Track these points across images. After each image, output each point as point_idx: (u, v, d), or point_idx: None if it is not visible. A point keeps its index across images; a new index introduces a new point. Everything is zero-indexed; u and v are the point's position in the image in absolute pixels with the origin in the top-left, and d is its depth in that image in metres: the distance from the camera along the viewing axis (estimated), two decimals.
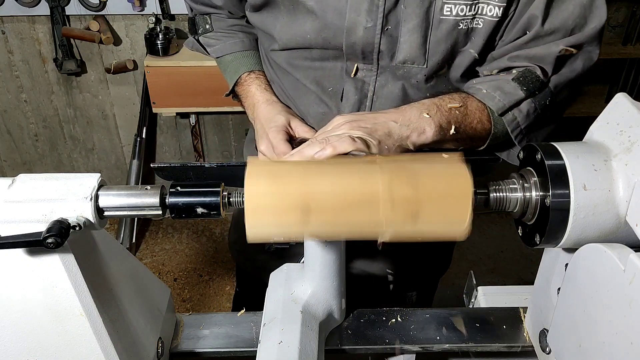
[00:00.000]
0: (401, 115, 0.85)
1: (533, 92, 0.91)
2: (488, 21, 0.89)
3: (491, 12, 0.88)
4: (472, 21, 0.89)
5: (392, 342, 0.85)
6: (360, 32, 0.91)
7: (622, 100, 0.64)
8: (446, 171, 0.65)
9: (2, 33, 2.52)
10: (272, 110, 1.01)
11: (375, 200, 0.63)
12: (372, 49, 0.93)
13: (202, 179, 0.74)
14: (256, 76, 1.10)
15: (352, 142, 0.76)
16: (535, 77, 0.90)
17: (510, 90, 0.91)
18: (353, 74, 0.97)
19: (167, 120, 2.82)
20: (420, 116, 0.85)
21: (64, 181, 0.64)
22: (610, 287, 0.56)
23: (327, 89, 1.01)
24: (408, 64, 0.94)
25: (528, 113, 0.92)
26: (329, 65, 0.99)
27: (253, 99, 1.07)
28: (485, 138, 0.94)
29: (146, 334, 0.77)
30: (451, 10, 0.88)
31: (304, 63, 1.01)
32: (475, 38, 0.91)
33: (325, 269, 0.80)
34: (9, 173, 2.94)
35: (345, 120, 0.82)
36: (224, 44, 1.13)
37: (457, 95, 0.92)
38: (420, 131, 0.84)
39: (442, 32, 0.90)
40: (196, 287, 2.59)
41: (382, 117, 0.84)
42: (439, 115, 0.87)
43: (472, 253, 2.72)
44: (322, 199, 0.62)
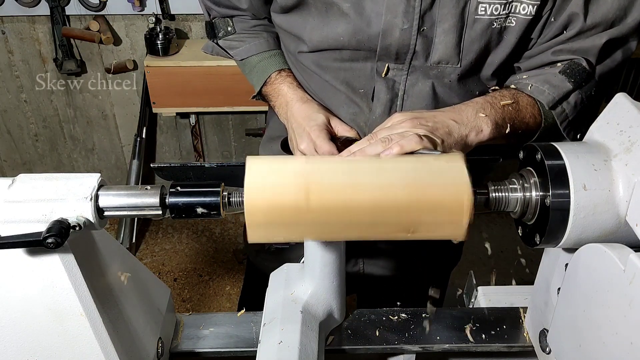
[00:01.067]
0: (458, 114, 0.86)
1: (580, 83, 0.93)
2: (521, 20, 0.90)
3: (525, 10, 0.89)
4: (505, 20, 0.90)
5: (392, 342, 0.85)
6: (396, 34, 0.91)
7: (622, 100, 0.64)
8: (446, 172, 0.65)
9: (2, 33, 2.52)
10: (309, 109, 1.00)
11: (375, 204, 0.63)
12: (407, 50, 0.93)
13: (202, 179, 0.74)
14: (287, 74, 1.08)
15: (419, 140, 0.75)
16: (581, 68, 0.92)
17: (559, 83, 0.92)
18: (384, 73, 0.97)
19: (167, 120, 2.81)
20: (476, 115, 0.86)
21: (64, 181, 0.64)
22: (610, 287, 0.56)
23: (357, 90, 1.01)
24: (442, 64, 0.95)
25: (576, 104, 0.94)
26: (358, 65, 0.99)
27: (285, 98, 1.05)
28: (535, 131, 0.95)
29: (146, 334, 0.77)
30: (486, 10, 0.89)
31: (333, 64, 1.00)
32: (508, 37, 0.92)
33: (325, 269, 0.80)
34: (9, 173, 2.94)
35: (405, 117, 0.82)
36: (249, 45, 1.10)
37: (507, 92, 0.93)
38: (478, 130, 0.85)
39: (476, 32, 0.91)
40: (196, 287, 2.59)
41: (441, 115, 0.84)
42: (494, 113, 0.88)
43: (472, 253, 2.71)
44: (322, 201, 0.62)
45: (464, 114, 0.86)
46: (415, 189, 0.63)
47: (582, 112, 0.97)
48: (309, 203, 0.62)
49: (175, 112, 2.59)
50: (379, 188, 0.63)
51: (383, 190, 0.63)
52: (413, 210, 0.63)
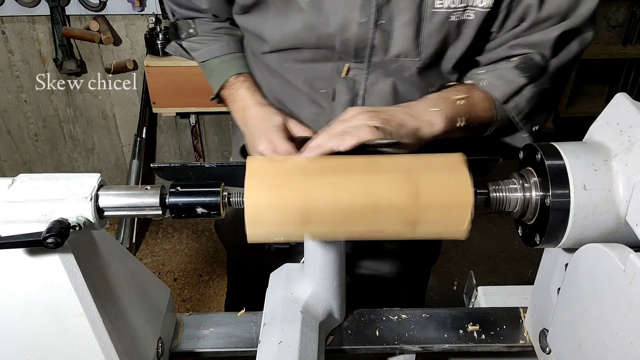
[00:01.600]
0: (411, 109, 0.87)
1: (534, 77, 0.94)
2: (480, 13, 0.91)
3: (482, 3, 0.90)
4: (463, 13, 0.91)
5: (392, 342, 0.85)
6: (354, 28, 0.92)
7: (622, 100, 0.64)
8: (446, 172, 0.65)
9: (2, 33, 2.52)
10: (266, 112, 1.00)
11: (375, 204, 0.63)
12: (365, 45, 0.93)
13: (202, 179, 0.74)
14: (244, 79, 1.09)
15: (374, 131, 0.77)
16: (535, 63, 0.93)
17: (512, 78, 0.94)
18: (344, 73, 0.98)
19: (167, 120, 2.81)
20: (427, 109, 0.87)
21: (64, 181, 0.64)
22: (610, 287, 0.56)
23: (318, 90, 1.02)
24: (402, 58, 0.95)
25: (530, 97, 0.95)
26: (320, 66, 0.99)
27: (243, 102, 1.06)
28: (490, 124, 0.96)
29: (146, 334, 0.77)
30: (443, 3, 0.89)
31: (294, 65, 1.01)
32: (467, 30, 0.93)
33: (325, 269, 0.80)
34: (9, 173, 2.94)
35: (361, 110, 0.83)
36: (210, 48, 1.11)
37: (461, 87, 0.95)
38: (430, 123, 0.86)
39: (434, 25, 0.91)
40: (196, 287, 2.59)
41: (394, 110, 0.86)
42: (447, 107, 0.89)
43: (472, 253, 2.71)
44: (322, 202, 0.62)
45: (416, 108, 0.87)
46: (415, 189, 0.63)
47: (538, 105, 0.98)
48: (309, 203, 0.62)
49: (175, 112, 2.59)
50: (379, 188, 0.64)
51: (383, 189, 0.63)
52: (413, 210, 0.63)
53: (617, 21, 2.65)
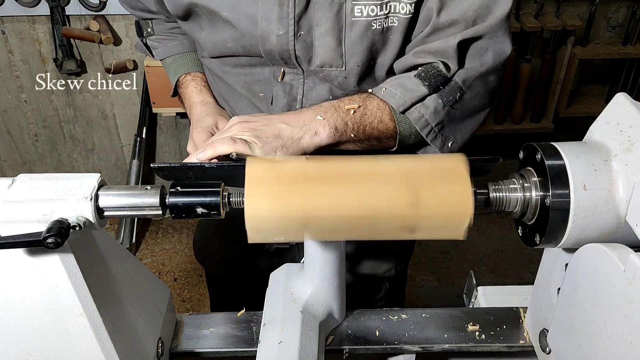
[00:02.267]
0: (294, 118, 0.86)
1: (437, 87, 0.89)
2: (403, 19, 0.89)
3: (403, 9, 0.88)
4: (385, 20, 0.89)
5: (392, 342, 0.85)
6: (273, 39, 0.92)
7: (622, 100, 0.64)
8: (446, 173, 0.65)
9: (2, 33, 2.52)
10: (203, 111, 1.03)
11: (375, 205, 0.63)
12: (288, 55, 0.93)
13: (202, 179, 0.74)
14: (192, 77, 1.12)
15: (232, 143, 0.78)
16: (437, 72, 0.89)
17: (412, 87, 0.89)
18: (280, 78, 0.98)
19: (167, 120, 2.81)
20: (314, 118, 0.85)
21: (64, 181, 0.64)
22: (610, 287, 0.56)
23: (257, 94, 1.03)
24: (327, 68, 0.94)
25: (436, 109, 0.90)
26: (257, 71, 1.00)
27: (190, 100, 1.09)
28: (392, 137, 0.93)
29: (146, 334, 0.77)
30: (362, 11, 0.88)
31: (233, 70, 1.02)
32: (393, 36, 0.91)
33: (325, 269, 0.80)
34: (9, 173, 2.94)
35: (238, 121, 0.84)
36: (165, 47, 1.16)
37: (357, 96, 0.92)
38: (312, 133, 0.84)
39: (356, 34, 0.90)
40: (196, 287, 2.59)
41: (275, 118, 0.85)
42: (335, 116, 0.87)
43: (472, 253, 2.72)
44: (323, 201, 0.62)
45: (301, 117, 0.86)
46: (415, 189, 0.63)
47: (451, 119, 0.93)
48: (309, 203, 0.62)
49: (175, 112, 2.59)
50: (379, 188, 0.64)
51: (383, 190, 0.63)
52: (413, 211, 0.63)
53: (617, 21, 2.65)
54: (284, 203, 0.62)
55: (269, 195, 0.62)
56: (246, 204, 0.62)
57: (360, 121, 0.89)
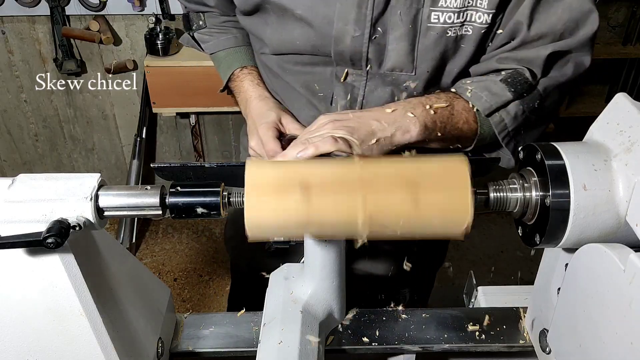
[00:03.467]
0: (385, 115, 0.85)
1: (521, 94, 0.90)
2: (477, 28, 0.89)
3: (480, 19, 0.88)
4: (460, 28, 0.89)
5: (392, 342, 0.85)
6: (347, 41, 0.91)
7: (622, 100, 0.64)
8: (446, 172, 0.65)
9: (2, 33, 2.52)
10: (264, 106, 1.02)
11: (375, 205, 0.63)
12: (360, 57, 0.93)
13: (202, 179, 0.74)
14: (249, 71, 1.11)
15: (334, 142, 0.77)
16: (523, 79, 0.90)
17: (498, 91, 0.90)
18: (343, 78, 0.97)
19: (167, 120, 2.81)
20: (405, 115, 0.85)
21: (64, 181, 0.64)
22: (610, 287, 0.56)
23: (317, 93, 1.02)
24: (396, 72, 0.94)
25: (516, 115, 0.91)
26: (318, 70, 0.99)
27: (246, 94, 1.08)
28: (471, 138, 0.93)
29: (146, 334, 0.77)
30: (439, 18, 0.88)
31: (294, 68, 1.01)
32: (465, 45, 0.91)
33: (325, 269, 0.80)
34: (9, 173, 2.94)
35: (328, 119, 0.83)
36: (217, 40, 1.13)
37: (444, 94, 0.92)
38: (404, 130, 0.84)
39: (430, 40, 0.90)
40: (196, 287, 2.59)
41: (366, 116, 0.84)
42: (425, 114, 0.86)
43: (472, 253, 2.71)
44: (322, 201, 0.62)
45: (391, 113, 0.85)
46: (415, 190, 0.63)
47: (525, 125, 0.94)
48: (309, 204, 0.62)
49: (175, 112, 2.59)
50: (379, 189, 0.63)
51: (383, 190, 0.63)
52: (413, 211, 0.63)
53: (617, 21, 2.65)
54: (284, 203, 0.62)
55: (269, 195, 0.62)
56: (246, 204, 0.62)
57: (448, 121, 0.89)
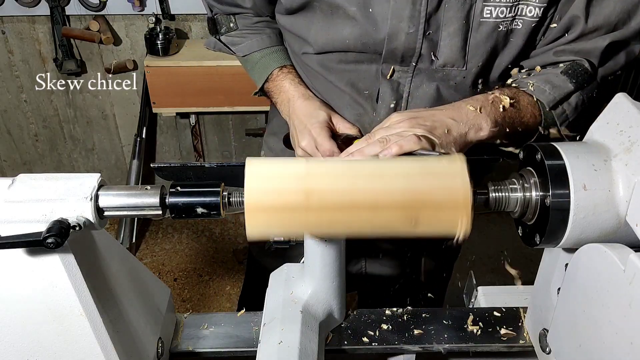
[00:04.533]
0: (457, 112, 0.85)
1: (582, 84, 0.92)
2: (528, 22, 0.89)
3: (531, 12, 0.88)
4: (511, 22, 0.90)
5: (392, 342, 0.85)
6: (402, 38, 0.91)
7: (622, 100, 0.64)
8: (446, 172, 0.65)
9: (2, 33, 2.52)
10: (310, 106, 1.00)
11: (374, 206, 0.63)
12: (412, 54, 0.93)
13: (202, 179, 0.74)
14: (288, 71, 1.08)
15: (417, 140, 0.76)
16: (584, 69, 0.91)
17: (560, 84, 0.92)
18: (389, 75, 0.97)
19: (167, 120, 2.81)
20: (476, 113, 0.85)
21: (64, 181, 0.64)
22: (610, 287, 0.56)
23: (362, 91, 1.01)
24: (448, 67, 0.94)
25: (577, 106, 0.93)
26: (363, 67, 0.99)
27: (287, 94, 1.05)
28: (535, 131, 0.94)
29: (146, 334, 0.77)
30: (491, 13, 0.88)
31: (338, 66, 1.00)
32: (515, 39, 0.92)
33: (325, 269, 0.80)
34: (9, 173, 2.94)
35: (403, 117, 0.82)
36: (251, 42, 1.10)
37: (507, 90, 0.92)
38: (477, 128, 0.84)
39: (481, 35, 0.90)
40: (196, 287, 2.59)
41: (440, 114, 0.84)
42: (494, 111, 0.87)
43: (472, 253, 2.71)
44: (323, 197, 0.62)
45: (463, 111, 0.85)
46: (415, 190, 0.63)
47: (581, 114, 0.96)
48: (309, 204, 0.62)
49: (175, 112, 2.59)
50: (378, 189, 0.63)
51: (383, 191, 0.63)
52: (413, 212, 0.63)
53: None
54: (283, 203, 0.62)
55: (269, 195, 0.62)
56: (246, 204, 0.62)
57: (516, 116, 0.90)
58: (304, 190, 0.62)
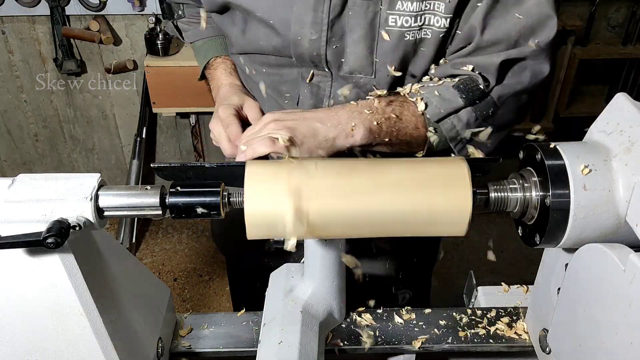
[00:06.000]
0: (329, 116, 0.84)
1: (473, 101, 0.89)
2: (436, 32, 0.88)
3: (438, 22, 0.87)
4: (419, 32, 0.89)
5: (392, 342, 0.85)
6: (305, 43, 0.92)
7: (622, 100, 0.64)
8: (446, 172, 0.65)
9: (2, 33, 2.52)
10: (230, 92, 1.03)
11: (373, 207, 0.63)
12: (319, 60, 0.93)
13: (202, 179, 0.73)
14: (222, 60, 1.13)
15: (271, 144, 0.76)
16: (475, 85, 0.89)
17: (449, 97, 0.89)
18: (309, 79, 0.98)
19: (167, 120, 2.81)
20: (350, 118, 0.84)
21: (64, 181, 0.64)
22: (610, 287, 0.56)
23: (284, 94, 1.03)
24: (356, 74, 0.94)
25: (468, 122, 0.90)
26: (285, 71, 1.00)
27: (218, 82, 1.10)
28: (422, 144, 0.92)
29: (146, 334, 0.77)
30: (396, 21, 0.87)
31: (260, 68, 1.02)
32: (425, 48, 0.91)
33: (325, 269, 0.80)
34: (9, 173, 2.94)
35: (272, 118, 0.82)
36: (195, 30, 1.16)
37: (395, 98, 0.91)
38: (347, 133, 0.83)
39: (388, 44, 0.89)
40: (196, 287, 2.59)
41: (310, 116, 0.84)
42: (370, 118, 0.85)
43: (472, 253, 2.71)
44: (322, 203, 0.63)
45: (336, 115, 0.84)
46: (414, 190, 0.63)
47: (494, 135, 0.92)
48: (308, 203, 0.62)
49: (175, 112, 2.59)
50: (377, 190, 0.64)
51: (382, 192, 0.63)
52: (412, 211, 0.63)
53: (617, 21, 2.65)
54: (283, 202, 0.62)
55: (269, 195, 0.62)
56: (246, 204, 0.62)
57: (395, 125, 0.88)
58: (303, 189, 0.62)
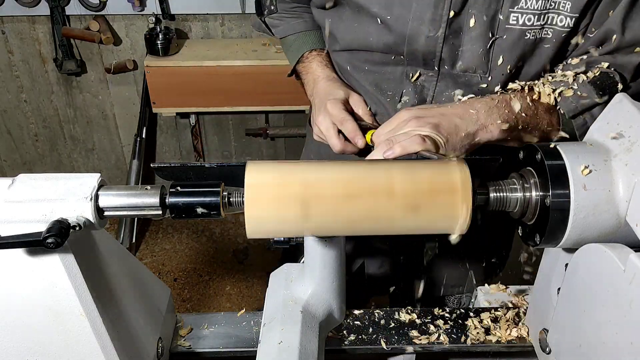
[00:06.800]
0: (467, 111, 0.83)
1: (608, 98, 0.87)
2: (558, 31, 0.86)
3: (562, 22, 0.85)
4: (540, 31, 0.86)
5: (392, 342, 0.85)
6: (422, 40, 0.90)
7: (622, 100, 0.64)
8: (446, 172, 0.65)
9: (2, 33, 2.52)
10: (332, 85, 1.02)
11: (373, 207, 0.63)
12: (433, 57, 0.92)
13: (202, 179, 0.73)
14: (317, 53, 1.11)
15: (421, 141, 0.75)
16: (612, 82, 0.87)
17: (585, 94, 0.87)
18: (414, 78, 0.96)
19: (167, 120, 2.81)
20: (488, 113, 0.83)
21: (64, 181, 0.64)
22: (610, 287, 0.56)
23: (385, 92, 1.01)
24: (469, 73, 0.92)
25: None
26: (389, 69, 0.99)
27: (314, 75, 1.08)
28: (551, 139, 0.91)
29: (146, 334, 0.77)
30: (517, 20, 0.85)
31: (363, 65, 1.01)
32: (544, 48, 0.89)
33: (325, 269, 0.80)
34: (9, 173, 2.94)
35: (411, 115, 0.81)
36: (288, 24, 1.14)
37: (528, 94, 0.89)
38: (487, 129, 0.83)
39: (507, 42, 0.88)
40: (196, 287, 2.59)
41: (449, 112, 0.82)
42: (508, 113, 0.84)
43: None
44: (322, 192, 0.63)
45: (474, 110, 0.83)
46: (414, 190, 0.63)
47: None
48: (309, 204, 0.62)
49: (175, 112, 2.59)
50: (377, 191, 0.63)
51: (382, 193, 0.63)
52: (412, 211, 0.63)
53: None
54: (283, 202, 0.62)
55: (269, 196, 0.62)
56: (246, 204, 0.62)
57: (530, 121, 0.86)
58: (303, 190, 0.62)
